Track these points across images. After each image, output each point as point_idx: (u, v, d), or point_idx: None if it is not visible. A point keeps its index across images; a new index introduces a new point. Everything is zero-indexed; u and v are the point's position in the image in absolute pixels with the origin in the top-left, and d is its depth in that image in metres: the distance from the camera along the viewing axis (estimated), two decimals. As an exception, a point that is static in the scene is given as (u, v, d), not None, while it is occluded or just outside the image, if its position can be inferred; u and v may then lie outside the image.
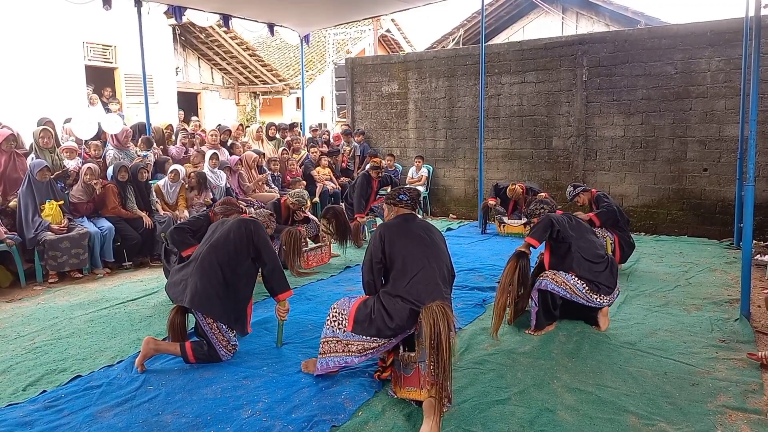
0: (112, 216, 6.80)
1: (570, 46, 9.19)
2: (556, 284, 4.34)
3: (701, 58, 8.13)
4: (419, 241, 3.40)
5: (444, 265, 3.43)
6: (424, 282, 3.25)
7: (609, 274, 4.39)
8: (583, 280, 4.31)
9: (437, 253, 3.41)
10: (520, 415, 3.14)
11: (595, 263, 4.37)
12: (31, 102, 10.06)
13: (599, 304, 4.38)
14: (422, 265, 3.30)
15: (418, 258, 3.32)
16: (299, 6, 8.83)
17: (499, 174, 9.89)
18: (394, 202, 3.63)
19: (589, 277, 4.31)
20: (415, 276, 3.27)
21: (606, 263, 4.42)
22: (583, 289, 4.31)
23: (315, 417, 3.12)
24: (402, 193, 3.63)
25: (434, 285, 3.26)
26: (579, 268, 4.33)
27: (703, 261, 6.76)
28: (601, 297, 4.35)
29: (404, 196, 3.62)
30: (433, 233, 3.55)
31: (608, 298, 4.39)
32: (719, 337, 4.28)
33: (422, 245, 3.39)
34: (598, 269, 4.36)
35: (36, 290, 5.96)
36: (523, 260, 4.31)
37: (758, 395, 3.35)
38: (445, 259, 3.47)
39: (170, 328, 3.96)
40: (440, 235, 3.62)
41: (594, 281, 4.31)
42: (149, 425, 3.10)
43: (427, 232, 3.49)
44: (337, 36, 20.46)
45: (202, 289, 3.80)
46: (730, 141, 8.01)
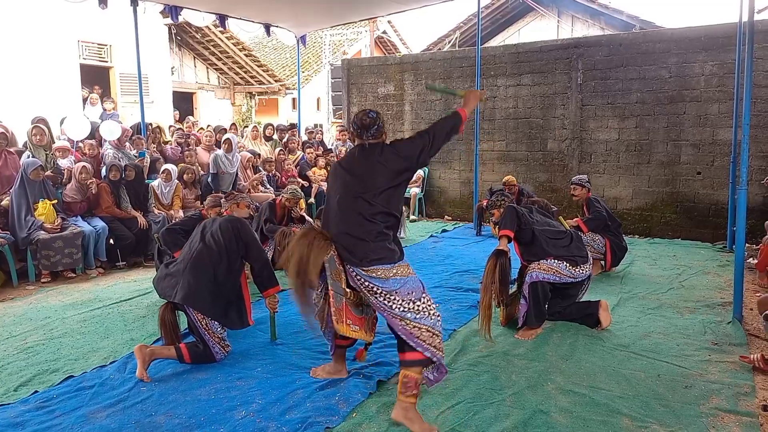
0: (106, 215, 6.78)
1: (565, 49, 9.22)
2: (543, 272, 4.43)
3: (695, 62, 8.17)
4: (351, 173, 3.16)
5: (374, 191, 3.08)
6: (343, 213, 3.09)
7: (576, 244, 4.57)
8: (561, 258, 4.44)
9: (366, 179, 3.10)
10: (514, 417, 3.14)
11: (561, 239, 4.54)
12: (26, 100, 10.01)
13: (583, 275, 4.50)
14: (347, 195, 3.11)
15: (346, 189, 3.14)
16: (295, 7, 8.82)
17: (494, 176, 9.90)
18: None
19: (563, 253, 4.46)
20: (340, 207, 3.12)
21: (569, 236, 4.60)
22: (566, 267, 4.44)
23: (309, 418, 3.11)
24: (356, 119, 3.30)
25: (353, 214, 3.05)
26: (550, 247, 4.47)
27: (697, 264, 6.79)
28: (581, 268, 4.48)
29: (352, 125, 3.33)
30: (373, 162, 3.14)
31: (587, 266, 4.53)
32: (712, 340, 4.30)
33: (353, 175, 3.14)
34: (565, 243, 4.53)
35: (28, 290, 5.93)
36: (502, 258, 4.33)
37: (750, 398, 3.37)
38: (376, 190, 3.08)
39: (161, 326, 3.94)
40: (394, 163, 3.15)
41: (568, 256, 4.45)
42: (142, 426, 3.09)
43: (367, 162, 3.15)
44: (333, 37, 20.47)
45: (193, 286, 3.82)
46: (723, 145, 8.04)
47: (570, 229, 4.75)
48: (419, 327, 3.02)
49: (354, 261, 3.03)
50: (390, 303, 3.02)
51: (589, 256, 4.62)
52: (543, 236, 4.50)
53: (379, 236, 3.05)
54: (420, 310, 3.05)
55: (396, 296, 3.02)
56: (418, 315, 3.03)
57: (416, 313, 3.03)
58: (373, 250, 3.02)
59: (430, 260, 7.06)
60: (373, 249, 3.02)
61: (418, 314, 3.04)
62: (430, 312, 3.08)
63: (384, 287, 3.02)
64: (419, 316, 3.03)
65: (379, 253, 3.03)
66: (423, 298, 3.10)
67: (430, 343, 3.02)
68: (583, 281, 4.58)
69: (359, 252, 3.02)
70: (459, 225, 9.89)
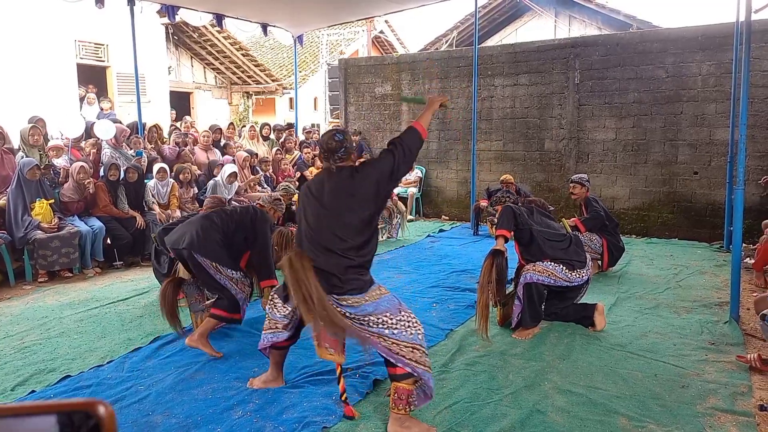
0: (103, 215, 6.77)
1: (562, 49, 9.23)
2: (538, 274, 4.42)
3: (692, 62, 8.18)
4: (321, 203, 3.08)
5: (345, 227, 3.01)
6: (314, 246, 3.02)
7: (575, 248, 4.54)
8: (558, 261, 4.42)
9: (336, 214, 3.02)
10: (511, 417, 3.14)
11: (560, 242, 4.52)
12: (22, 100, 9.98)
13: (580, 280, 4.48)
14: (318, 228, 3.04)
15: (317, 220, 3.07)
16: (293, 6, 8.82)
17: (491, 176, 9.91)
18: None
19: (560, 256, 4.44)
20: (310, 239, 3.06)
21: (568, 240, 4.57)
22: (562, 270, 4.42)
23: (306, 418, 3.11)
24: (321, 142, 3.22)
25: (323, 249, 2.99)
26: (548, 249, 4.46)
27: (693, 264, 6.80)
28: (578, 272, 4.45)
29: (319, 147, 3.29)
30: (342, 192, 3.05)
31: (585, 272, 4.50)
32: (709, 340, 4.31)
33: (323, 207, 3.06)
34: (563, 246, 4.51)
35: (25, 289, 5.92)
36: (498, 258, 4.33)
37: (747, 397, 3.37)
38: (348, 220, 3.02)
39: (162, 299, 4.05)
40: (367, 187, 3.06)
41: (565, 259, 4.43)
42: (139, 426, 3.08)
43: (336, 192, 3.06)
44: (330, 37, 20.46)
45: (202, 236, 3.97)
46: (720, 145, 8.06)
47: (571, 233, 4.74)
48: (397, 343, 2.95)
49: (326, 288, 2.92)
50: (366, 326, 2.97)
51: (587, 261, 4.59)
52: (541, 237, 4.49)
53: (350, 270, 2.97)
54: (396, 325, 2.97)
55: (370, 317, 2.97)
56: (396, 331, 2.96)
57: (393, 329, 2.96)
58: (344, 282, 2.96)
59: (428, 260, 7.07)
60: (344, 281, 2.96)
61: (395, 330, 2.96)
62: (408, 327, 3.01)
63: (356, 313, 2.97)
64: (396, 332, 2.96)
65: (351, 284, 2.97)
66: (400, 314, 3.02)
67: (411, 358, 2.95)
68: (580, 286, 4.55)
69: (330, 282, 2.93)
70: (456, 225, 9.89)
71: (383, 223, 8.48)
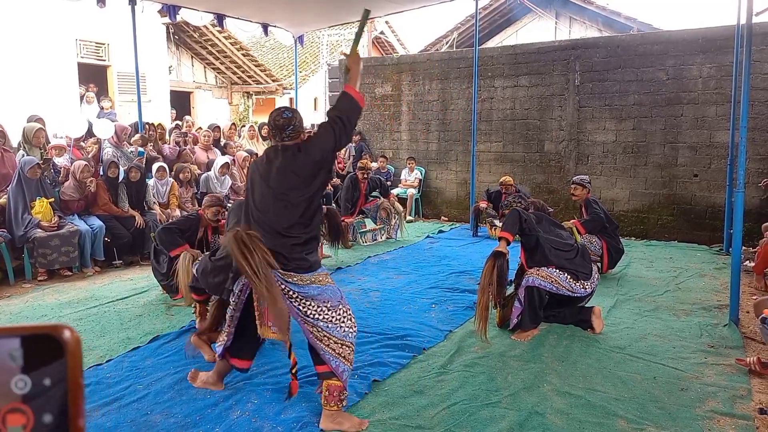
0: (104, 214, 6.77)
1: (563, 50, 9.23)
2: (541, 279, 4.40)
3: (693, 64, 8.18)
4: (267, 182, 3.04)
5: (290, 205, 2.98)
6: (260, 225, 3.01)
7: (581, 260, 4.51)
8: (563, 269, 4.40)
9: (281, 193, 3.00)
10: (510, 419, 3.14)
11: (566, 251, 4.49)
12: (23, 99, 9.97)
13: (583, 292, 4.46)
14: (264, 207, 3.02)
15: (262, 200, 3.05)
16: (293, 6, 8.81)
17: (491, 177, 9.90)
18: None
19: (566, 265, 4.42)
20: (256, 218, 3.04)
21: (576, 250, 4.54)
22: (566, 279, 4.40)
23: (304, 418, 3.11)
24: (270, 119, 3.14)
25: (269, 228, 2.97)
26: (553, 257, 4.44)
27: (693, 266, 6.80)
28: (581, 284, 4.43)
29: (268, 125, 3.16)
30: (287, 171, 3.01)
31: (589, 284, 4.48)
32: (708, 342, 4.31)
33: (269, 186, 3.03)
34: (570, 256, 4.48)
35: (25, 288, 5.92)
36: (500, 260, 4.33)
37: (746, 401, 3.37)
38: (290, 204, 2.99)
39: (212, 318, 3.82)
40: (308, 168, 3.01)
41: (570, 269, 4.41)
42: (138, 425, 3.08)
43: (281, 171, 3.02)
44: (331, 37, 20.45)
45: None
46: (720, 147, 8.06)
47: (578, 243, 4.70)
48: (328, 336, 2.98)
49: (272, 264, 2.91)
50: (305, 309, 2.97)
51: (594, 273, 4.56)
52: (547, 245, 4.46)
53: (296, 248, 2.98)
54: (332, 320, 3.00)
55: (312, 302, 2.97)
56: (330, 325, 2.99)
57: (328, 323, 2.99)
58: (290, 260, 2.96)
59: (427, 261, 7.07)
60: (290, 259, 2.96)
61: (330, 324, 2.99)
62: (342, 323, 3.03)
63: (300, 292, 2.97)
64: (330, 326, 2.99)
65: (296, 262, 2.97)
66: (340, 308, 3.04)
67: (339, 353, 2.98)
68: (582, 297, 4.52)
69: (277, 260, 2.91)
70: (455, 226, 9.89)
71: (382, 224, 8.48)
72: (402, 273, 6.47)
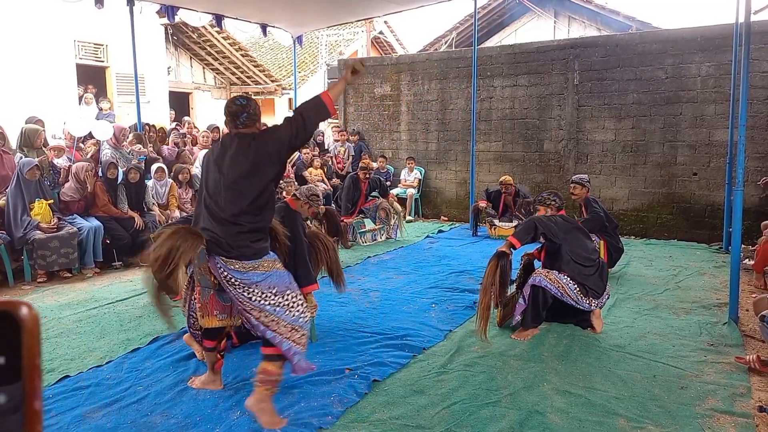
0: (103, 215, 6.77)
1: (562, 50, 9.23)
2: (549, 281, 4.38)
3: (692, 63, 8.19)
4: (220, 169, 3.03)
5: (240, 194, 2.97)
6: (210, 212, 3.01)
7: (598, 278, 4.43)
8: (575, 281, 4.35)
9: (232, 181, 2.97)
10: (510, 418, 3.14)
11: (585, 266, 4.40)
12: (21, 100, 9.97)
13: (588, 307, 4.41)
14: (215, 194, 3.01)
15: (215, 186, 3.03)
16: (292, 7, 8.81)
17: (490, 177, 9.91)
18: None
19: (579, 279, 4.36)
20: (207, 205, 3.04)
21: (596, 267, 4.45)
22: (575, 289, 4.35)
23: (303, 418, 3.11)
24: (225, 106, 3.12)
25: (216, 216, 2.98)
26: (569, 268, 4.39)
27: (693, 265, 6.80)
28: (589, 300, 4.38)
29: (225, 110, 3.12)
30: (240, 159, 2.97)
31: (596, 302, 4.43)
32: (708, 341, 4.31)
33: (221, 174, 3.02)
34: (588, 272, 4.39)
35: (24, 290, 5.91)
36: (503, 260, 4.33)
37: (746, 399, 3.37)
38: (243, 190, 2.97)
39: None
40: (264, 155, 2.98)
41: (583, 284, 4.35)
42: (138, 426, 3.08)
43: (234, 159, 2.99)
44: (329, 37, 20.45)
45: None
46: (719, 146, 8.07)
47: (600, 260, 4.60)
48: (277, 321, 2.96)
49: (216, 251, 2.95)
50: (249, 294, 2.95)
51: (605, 294, 4.50)
52: (568, 255, 4.39)
53: (240, 236, 2.96)
54: (280, 304, 2.98)
55: (256, 288, 2.95)
56: (278, 308, 2.97)
57: (276, 307, 2.97)
58: (234, 247, 2.95)
59: (427, 261, 7.07)
60: (234, 247, 2.95)
61: (277, 308, 2.97)
62: (292, 308, 3.01)
63: (242, 279, 2.95)
64: (279, 310, 2.97)
65: (239, 250, 2.95)
66: (287, 293, 3.03)
67: (288, 337, 2.97)
68: (585, 311, 4.48)
69: (220, 246, 2.94)
70: (455, 225, 9.89)
71: (382, 224, 8.48)
72: (402, 273, 6.47)
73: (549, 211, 4.64)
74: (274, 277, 3.02)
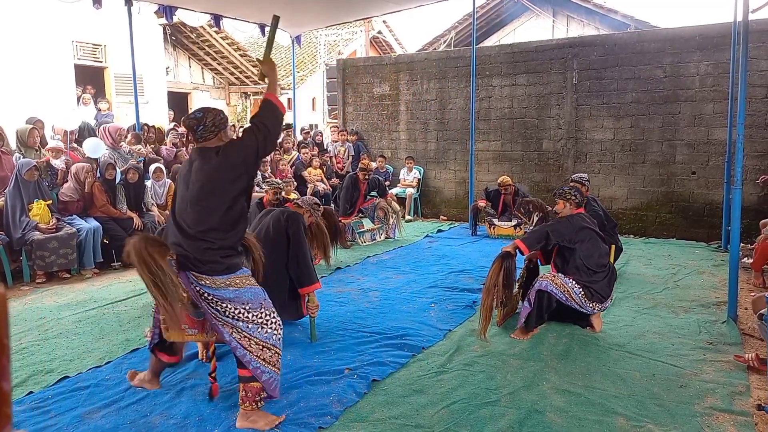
0: (102, 216, 6.76)
1: (560, 49, 9.23)
2: (555, 287, 4.36)
3: (690, 62, 8.19)
4: (186, 184, 3.00)
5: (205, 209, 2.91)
6: (177, 227, 2.97)
7: (606, 283, 4.41)
8: (581, 285, 4.34)
9: (196, 196, 2.93)
10: (509, 417, 3.15)
11: (596, 272, 4.38)
12: (19, 100, 9.97)
13: (591, 311, 4.41)
14: (182, 209, 2.99)
15: (181, 202, 3.01)
16: (291, 7, 8.81)
17: (489, 176, 9.91)
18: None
19: (586, 283, 4.34)
20: (173, 221, 3.02)
21: (606, 273, 4.42)
22: (580, 294, 4.33)
23: (302, 418, 3.11)
24: (184, 118, 3.09)
25: (182, 231, 2.94)
26: (577, 274, 4.37)
27: (691, 263, 6.81)
28: (593, 304, 4.37)
29: (183, 124, 3.08)
30: (204, 174, 2.92)
31: (600, 306, 4.42)
32: (707, 340, 4.31)
33: (186, 188, 2.99)
34: (597, 278, 4.37)
35: (23, 290, 5.91)
36: (507, 261, 4.32)
37: (745, 397, 3.38)
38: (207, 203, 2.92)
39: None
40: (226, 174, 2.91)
41: (589, 288, 4.34)
42: (137, 426, 3.08)
43: (198, 173, 2.94)
44: (328, 37, 20.45)
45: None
46: (718, 144, 8.07)
47: (610, 266, 4.55)
48: (249, 338, 2.93)
49: (186, 266, 2.91)
50: (222, 309, 2.92)
51: (609, 299, 4.49)
52: (579, 260, 4.36)
53: (209, 252, 2.89)
54: (253, 321, 2.94)
55: (228, 304, 2.92)
56: (251, 326, 2.94)
57: (248, 323, 2.93)
58: (203, 263, 2.90)
59: (426, 260, 7.07)
60: (203, 262, 2.90)
61: (250, 324, 2.93)
62: (265, 325, 2.98)
63: (215, 294, 2.92)
64: (251, 327, 2.94)
65: (209, 265, 2.91)
66: (261, 310, 2.99)
67: (259, 356, 2.93)
68: (588, 314, 4.48)
69: (190, 260, 2.90)
70: (454, 225, 9.89)
71: (380, 224, 8.48)
72: (401, 272, 6.47)
73: (568, 206, 4.53)
74: (248, 294, 2.98)
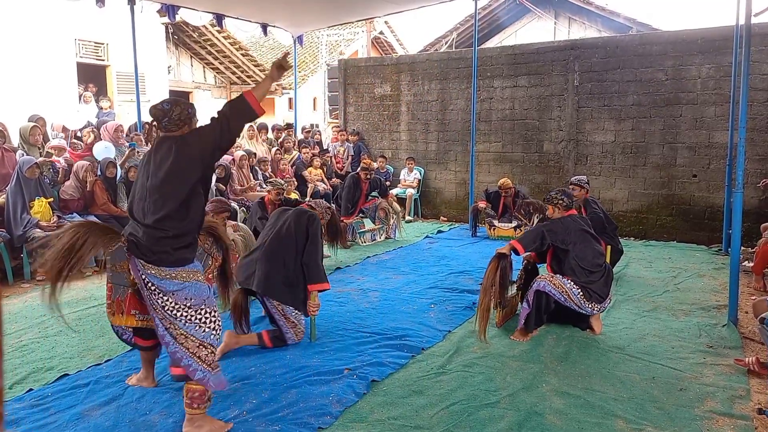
0: (102, 214, 6.76)
1: (562, 51, 9.23)
2: (553, 287, 4.35)
3: (692, 65, 8.19)
4: (147, 172, 3.04)
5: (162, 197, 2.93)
6: (133, 215, 3.03)
7: (603, 283, 4.40)
8: (579, 286, 4.34)
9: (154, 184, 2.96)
10: (508, 419, 3.14)
11: (592, 272, 4.37)
12: (22, 98, 9.97)
13: (590, 312, 4.40)
14: (140, 197, 3.03)
15: (140, 190, 3.06)
16: (293, 6, 8.82)
17: (490, 177, 9.91)
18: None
19: (583, 284, 4.34)
20: (130, 208, 3.06)
21: (602, 273, 4.42)
22: (578, 294, 4.33)
23: (301, 418, 3.11)
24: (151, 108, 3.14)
25: (138, 219, 2.97)
26: (574, 274, 4.36)
27: (692, 266, 6.80)
28: (592, 305, 4.36)
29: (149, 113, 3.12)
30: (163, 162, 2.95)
31: (599, 306, 4.41)
32: (707, 343, 4.31)
33: (146, 177, 3.03)
34: (594, 278, 4.37)
35: (23, 288, 5.91)
36: (503, 261, 4.32)
37: (745, 401, 3.38)
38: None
39: (233, 310, 4.11)
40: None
41: (587, 288, 4.34)
42: (136, 425, 3.08)
43: (158, 162, 2.98)
44: (330, 37, 20.46)
45: (269, 276, 4.06)
46: (719, 147, 8.07)
47: (606, 265, 4.55)
48: (185, 335, 2.90)
49: (136, 253, 2.91)
50: (162, 302, 2.89)
51: (608, 299, 4.48)
52: (575, 261, 4.36)
53: (162, 241, 2.89)
54: (191, 319, 2.92)
55: (170, 298, 2.90)
56: (189, 324, 2.91)
57: (187, 321, 2.91)
58: (154, 252, 2.89)
59: (426, 261, 7.06)
60: (154, 251, 2.89)
61: (188, 323, 2.91)
62: (204, 324, 2.95)
63: (159, 285, 2.89)
64: (189, 326, 2.91)
65: (158, 255, 2.90)
66: (202, 308, 2.96)
67: (195, 353, 2.90)
68: (587, 315, 4.48)
69: (141, 248, 2.89)
70: (455, 226, 9.89)
71: (380, 224, 8.48)
72: (401, 273, 6.47)
73: (557, 210, 4.54)
74: (192, 289, 2.95)
